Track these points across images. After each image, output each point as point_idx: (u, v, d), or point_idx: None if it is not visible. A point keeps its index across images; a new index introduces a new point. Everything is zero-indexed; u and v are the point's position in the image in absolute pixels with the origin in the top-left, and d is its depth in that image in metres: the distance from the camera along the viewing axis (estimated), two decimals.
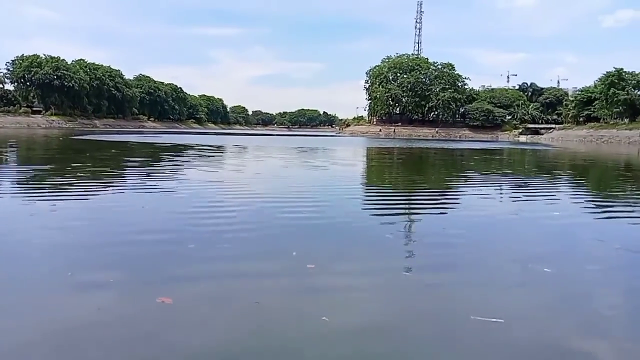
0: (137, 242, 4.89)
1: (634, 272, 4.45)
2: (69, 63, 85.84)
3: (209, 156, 20.30)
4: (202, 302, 3.31)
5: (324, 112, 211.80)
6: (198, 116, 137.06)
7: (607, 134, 64.34)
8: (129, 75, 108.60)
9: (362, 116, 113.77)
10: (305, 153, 24.40)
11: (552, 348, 2.79)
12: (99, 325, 2.90)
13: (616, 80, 69.75)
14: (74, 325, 2.90)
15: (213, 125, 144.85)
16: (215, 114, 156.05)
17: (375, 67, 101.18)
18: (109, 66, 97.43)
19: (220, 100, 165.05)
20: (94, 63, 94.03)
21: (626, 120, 68.64)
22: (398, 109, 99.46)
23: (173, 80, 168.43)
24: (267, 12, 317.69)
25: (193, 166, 14.89)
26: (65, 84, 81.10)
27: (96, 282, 3.61)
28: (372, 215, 7.15)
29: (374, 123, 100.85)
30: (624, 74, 70.54)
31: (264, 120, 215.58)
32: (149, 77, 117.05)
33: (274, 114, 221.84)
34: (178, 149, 24.57)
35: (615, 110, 70.31)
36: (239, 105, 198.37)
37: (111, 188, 9.16)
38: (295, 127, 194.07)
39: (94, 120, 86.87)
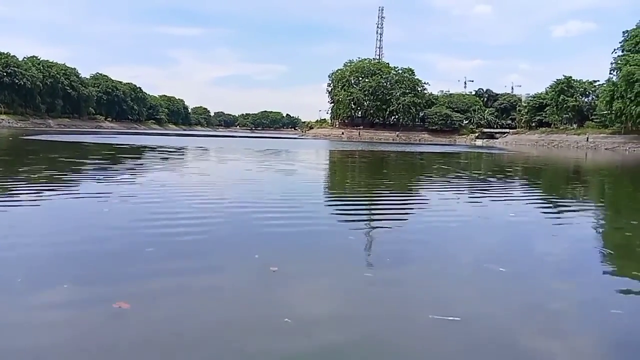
0: (94, 246, 4.75)
1: (585, 270, 4.70)
2: (20, 60, 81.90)
3: (169, 158, 19.87)
4: (160, 306, 3.26)
5: (287, 114, 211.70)
6: (158, 117, 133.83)
7: (558, 139, 67.38)
8: (85, 74, 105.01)
9: (325, 119, 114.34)
10: (269, 155, 24.30)
11: (506, 345, 2.93)
12: (51, 330, 2.81)
13: (565, 88, 73.29)
14: (25, 330, 2.79)
15: (174, 126, 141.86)
16: (176, 114, 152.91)
17: (337, 71, 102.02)
18: (64, 64, 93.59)
19: (182, 101, 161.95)
20: (47, 60, 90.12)
21: (575, 126, 72.19)
22: (360, 113, 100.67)
23: (132, 79, 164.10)
24: (230, 13, 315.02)
25: (153, 169, 14.54)
26: (16, 81, 77.19)
27: (49, 289, 3.49)
28: (336, 217, 7.21)
29: (337, 126, 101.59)
30: (572, 81, 74.22)
31: (226, 121, 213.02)
32: (106, 76, 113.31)
33: (237, 115, 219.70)
34: (137, 151, 23.92)
35: (564, 116, 73.81)
36: (201, 107, 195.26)
37: (63, 192, 8.82)
38: (258, 129, 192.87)
39: (47, 119, 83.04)
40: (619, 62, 59.38)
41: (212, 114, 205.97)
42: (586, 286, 4.17)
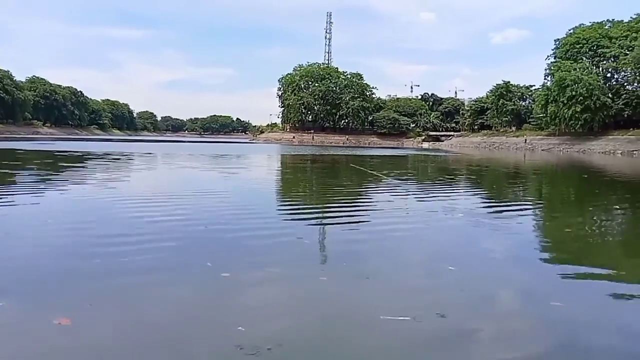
0: (35, 258, 4.47)
1: (527, 265, 4.93)
2: None
3: (114, 165, 19.08)
4: (105, 321, 3.11)
5: (237, 118, 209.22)
6: (101, 122, 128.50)
7: (498, 141, 70.78)
8: (20, 77, 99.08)
9: (275, 123, 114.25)
10: (219, 160, 23.90)
11: (453, 341, 3.02)
12: None
13: (504, 92, 77.24)
14: None
15: (118, 131, 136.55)
16: (121, 119, 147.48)
17: (287, 75, 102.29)
18: None
19: (126, 105, 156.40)
20: None
21: (514, 128, 76.15)
22: (310, 117, 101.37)
23: (73, 83, 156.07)
24: (176, 15, 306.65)
25: (95, 176, 13.90)
26: None
27: None
28: (289, 222, 7.19)
29: (288, 130, 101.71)
30: (511, 86, 78.30)
31: (174, 126, 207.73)
32: (43, 79, 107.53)
33: (185, 120, 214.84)
34: (78, 158, 22.80)
35: (504, 119, 77.69)
36: (147, 111, 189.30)
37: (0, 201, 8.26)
38: (208, 133, 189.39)
39: None
40: (552, 68, 63.29)
41: (159, 118, 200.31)
42: (529, 281, 4.37)
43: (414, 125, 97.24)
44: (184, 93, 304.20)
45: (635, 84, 55.72)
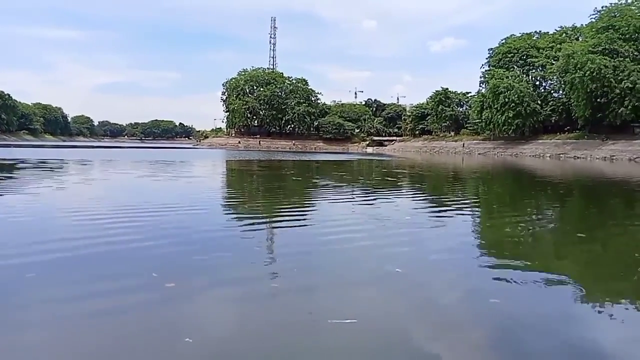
0: None
1: (469, 265, 5.16)
2: None
3: (46, 173, 17.99)
4: (41, 338, 2.94)
5: (180, 123, 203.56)
6: (32, 127, 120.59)
7: (438, 145, 73.59)
8: None
9: (220, 128, 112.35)
10: (162, 166, 23.16)
11: (397, 341, 3.12)
12: None
13: (443, 99, 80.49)
14: None
15: (51, 137, 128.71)
16: (54, 124, 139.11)
17: (232, 80, 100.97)
18: None
19: (59, 109, 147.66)
20: None
21: (452, 133, 79.44)
22: (256, 122, 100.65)
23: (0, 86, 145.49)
24: (115, 16, 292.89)
25: (27, 185, 13.05)
26: None
27: None
28: (237, 228, 7.10)
29: (233, 135, 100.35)
30: (449, 93, 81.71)
31: (112, 131, 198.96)
32: None
33: (125, 124, 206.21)
34: (5, 166, 21.29)
35: (443, 124, 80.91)
36: (83, 115, 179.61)
37: None
38: (149, 139, 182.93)
39: None
40: (486, 75, 66.69)
41: (96, 123, 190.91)
42: (470, 280, 4.59)
43: (358, 130, 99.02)
44: (124, 97, 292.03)
45: (561, 92, 59.88)
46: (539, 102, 61.22)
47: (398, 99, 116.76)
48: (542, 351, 2.98)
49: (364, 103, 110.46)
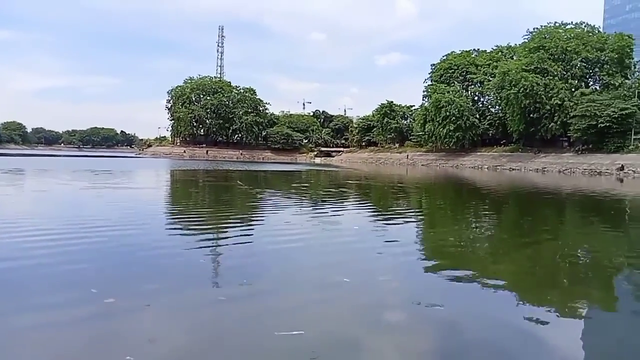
0: None
1: (414, 272, 5.31)
2: None
3: None
4: None
5: (122, 131, 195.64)
6: None
7: (384, 157, 75.41)
8: None
9: (165, 136, 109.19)
10: (101, 177, 22.12)
11: (344, 348, 3.16)
12: None
13: (388, 111, 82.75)
14: None
15: None
16: None
17: (177, 87, 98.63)
18: None
19: None
20: None
21: (397, 145, 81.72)
22: (202, 131, 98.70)
23: None
24: (49, 16, 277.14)
25: None
26: None
27: None
28: (182, 241, 6.91)
29: (178, 144, 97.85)
30: (394, 106, 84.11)
31: (47, 138, 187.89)
32: None
33: (61, 132, 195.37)
34: None
35: (389, 136, 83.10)
36: (14, 121, 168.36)
37: None
38: (88, 147, 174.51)
39: None
40: (429, 90, 69.29)
41: (29, 130, 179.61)
42: (414, 287, 4.73)
43: (306, 141, 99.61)
44: (60, 102, 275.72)
45: (497, 107, 63.32)
46: (478, 116, 64.39)
47: (345, 110, 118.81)
48: (479, 355, 3.13)
49: (312, 114, 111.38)
